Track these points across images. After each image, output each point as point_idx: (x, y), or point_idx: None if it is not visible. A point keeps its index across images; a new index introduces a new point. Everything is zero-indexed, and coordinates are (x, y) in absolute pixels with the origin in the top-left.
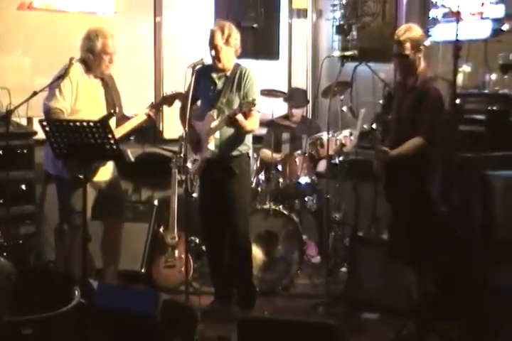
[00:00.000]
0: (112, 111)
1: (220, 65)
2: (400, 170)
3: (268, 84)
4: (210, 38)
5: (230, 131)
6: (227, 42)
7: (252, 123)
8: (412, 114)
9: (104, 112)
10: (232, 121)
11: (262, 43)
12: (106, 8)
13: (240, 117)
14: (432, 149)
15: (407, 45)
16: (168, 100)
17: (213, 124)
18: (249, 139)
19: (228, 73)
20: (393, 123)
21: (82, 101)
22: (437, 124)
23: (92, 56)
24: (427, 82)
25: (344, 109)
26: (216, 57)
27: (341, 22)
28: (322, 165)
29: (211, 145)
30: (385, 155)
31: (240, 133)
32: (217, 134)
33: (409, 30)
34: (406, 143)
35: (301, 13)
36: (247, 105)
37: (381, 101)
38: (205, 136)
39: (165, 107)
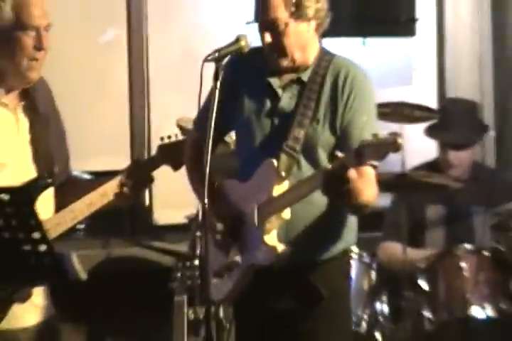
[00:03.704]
0: (46, 174)
1: (285, 62)
2: None
3: (390, 91)
4: (257, 7)
5: (313, 206)
6: (298, 9)
7: (369, 190)
8: None
9: (30, 174)
10: (333, 183)
11: (375, 1)
12: None
13: (353, 175)
14: None
15: None
16: (170, 154)
17: (279, 188)
18: (351, 225)
19: (305, 75)
20: None
21: None
22: None
23: None
24: None
25: None
26: (277, 47)
27: None
28: None
29: (272, 238)
30: None
31: (338, 211)
32: (286, 213)
33: None
34: None
35: None
36: (376, 148)
37: None
38: (257, 217)
39: (162, 168)
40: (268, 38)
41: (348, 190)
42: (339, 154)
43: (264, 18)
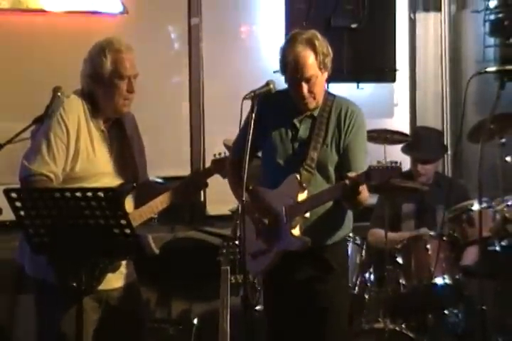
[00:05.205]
0: (132, 180)
1: (313, 104)
2: None
3: (376, 121)
4: (295, 67)
5: (324, 207)
6: (323, 65)
7: (366, 196)
8: None
9: (120, 180)
10: (349, 193)
11: (366, 55)
12: (110, 5)
13: (362, 188)
14: None
15: None
16: (219, 166)
17: (302, 196)
18: (349, 219)
19: (315, 112)
20: None
21: (86, 164)
22: None
23: (100, 85)
24: None
25: (508, 159)
26: (310, 94)
27: (499, 15)
28: (471, 256)
29: (297, 232)
30: None
31: (340, 210)
32: (307, 213)
33: None
34: None
35: (431, 3)
36: (380, 172)
37: None
38: (286, 216)
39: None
40: (305, 89)
41: (357, 198)
42: (352, 174)
43: (303, 75)
